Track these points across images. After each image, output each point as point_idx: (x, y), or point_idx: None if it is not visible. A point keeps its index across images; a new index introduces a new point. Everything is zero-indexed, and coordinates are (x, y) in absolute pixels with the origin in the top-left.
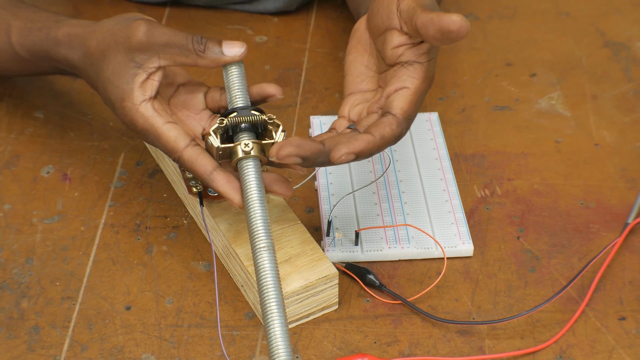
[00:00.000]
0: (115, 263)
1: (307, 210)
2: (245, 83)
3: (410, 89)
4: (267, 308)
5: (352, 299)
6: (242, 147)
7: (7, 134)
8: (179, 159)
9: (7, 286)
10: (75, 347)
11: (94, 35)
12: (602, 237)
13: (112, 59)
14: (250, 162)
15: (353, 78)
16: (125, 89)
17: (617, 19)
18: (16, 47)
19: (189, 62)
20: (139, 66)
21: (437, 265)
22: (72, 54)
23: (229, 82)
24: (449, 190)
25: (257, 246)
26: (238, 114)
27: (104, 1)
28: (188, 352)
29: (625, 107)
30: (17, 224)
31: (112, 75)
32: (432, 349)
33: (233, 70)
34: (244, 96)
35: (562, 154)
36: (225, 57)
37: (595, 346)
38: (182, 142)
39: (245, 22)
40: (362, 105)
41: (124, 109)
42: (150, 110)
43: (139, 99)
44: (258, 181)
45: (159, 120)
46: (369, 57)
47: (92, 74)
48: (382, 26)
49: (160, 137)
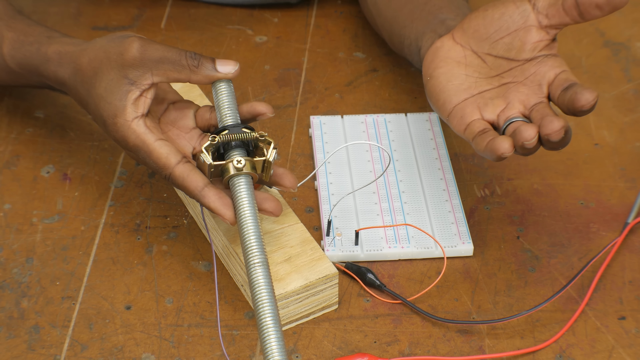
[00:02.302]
0: (115, 263)
1: (307, 210)
2: (234, 101)
3: (569, 71)
4: (263, 325)
5: (352, 299)
6: (235, 164)
7: (7, 134)
8: (170, 175)
9: (7, 286)
10: (76, 347)
11: (85, 53)
12: (602, 236)
13: (104, 76)
14: (242, 179)
15: (456, 87)
16: (118, 105)
17: (617, 19)
18: (7, 58)
19: (182, 78)
20: (132, 83)
21: (437, 265)
22: (61, 71)
23: (219, 100)
24: (449, 190)
25: (251, 262)
26: (229, 131)
27: (104, 1)
28: (188, 351)
29: (625, 107)
30: (17, 224)
31: (105, 92)
32: (432, 348)
33: (222, 88)
34: (234, 114)
35: (562, 154)
36: (218, 74)
37: (595, 346)
38: (173, 159)
39: (245, 22)
40: (494, 103)
41: (115, 125)
42: (142, 127)
43: (131, 116)
44: (250, 198)
45: (151, 137)
46: (466, 68)
47: (82, 92)
48: (512, 27)
49: (151, 153)
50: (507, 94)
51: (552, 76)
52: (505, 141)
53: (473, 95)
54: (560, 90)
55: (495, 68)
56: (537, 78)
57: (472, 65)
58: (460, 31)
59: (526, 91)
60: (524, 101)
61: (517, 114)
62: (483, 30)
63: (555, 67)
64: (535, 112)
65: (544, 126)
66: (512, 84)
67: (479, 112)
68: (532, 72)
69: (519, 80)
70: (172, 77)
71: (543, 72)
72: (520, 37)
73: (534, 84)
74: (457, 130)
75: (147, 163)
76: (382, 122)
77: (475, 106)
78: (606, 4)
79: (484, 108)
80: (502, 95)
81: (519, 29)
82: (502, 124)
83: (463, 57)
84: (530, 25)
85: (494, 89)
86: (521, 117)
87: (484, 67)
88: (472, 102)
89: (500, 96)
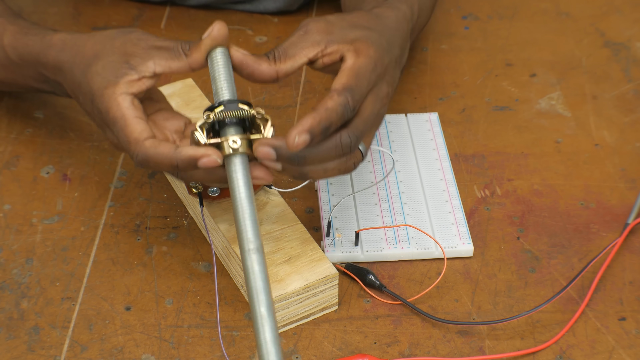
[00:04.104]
0: (115, 263)
1: (307, 211)
2: (231, 72)
3: (345, 68)
4: (257, 313)
5: (352, 300)
6: (230, 143)
7: (7, 134)
8: (139, 150)
9: (7, 286)
10: (75, 348)
11: (90, 39)
12: (602, 237)
13: (105, 57)
14: (238, 159)
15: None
16: (112, 79)
17: (617, 19)
18: (7, 49)
19: (182, 66)
20: (132, 67)
21: (437, 266)
22: (62, 56)
23: (214, 72)
24: (449, 191)
25: (246, 248)
26: (225, 107)
27: (104, 1)
28: (188, 352)
29: (625, 107)
30: (17, 224)
31: (102, 69)
32: (432, 349)
33: (218, 59)
34: (230, 87)
35: (562, 154)
36: (205, 40)
37: (595, 346)
38: (145, 134)
39: (245, 23)
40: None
41: (102, 96)
42: (127, 102)
43: (121, 90)
44: (246, 179)
45: (132, 112)
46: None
47: (77, 73)
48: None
49: (126, 127)
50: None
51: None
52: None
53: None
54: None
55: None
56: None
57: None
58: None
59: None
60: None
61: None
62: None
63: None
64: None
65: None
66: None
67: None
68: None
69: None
70: (172, 66)
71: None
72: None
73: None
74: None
75: (120, 137)
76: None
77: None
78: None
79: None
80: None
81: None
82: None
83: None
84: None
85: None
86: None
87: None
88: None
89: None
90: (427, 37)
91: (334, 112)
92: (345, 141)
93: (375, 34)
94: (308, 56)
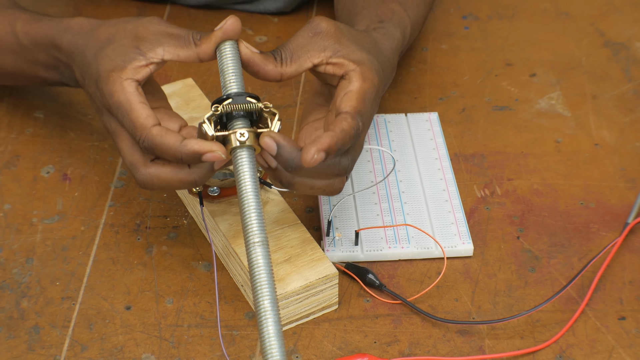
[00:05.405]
0: (115, 263)
1: (307, 210)
2: (239, 66)
3: (353, 90)
4: (260, 305)
5: (352, 299)
6: (237, 136)
7: (7, 134)
8: (146, 135)
9: (7, 286)
10: (75, 347)
11: (105, 22)
12: (602, 237)
13: (116, 41)
14: (245, 152)
15: (305, 114)
16: (119, 63)
17: (617, 19)
18: (20, 35)
19: (189, 54)
20: (141, 53)
21: (437, 265)
22: (78, 39)
23: (222, 64)
24: (449, 190)
25: (251, 241)
26: (233, 100)
27: (104, 1)
28: (188, 352)
29: (625, 107)
30: (17, 224)
31: (112, 52)
32: (432, 348)
33: (227, 52)
34: (239, 80)
35: (562, 154)
36: (216, 32)
37: (595, 346)
38: (152, 121)
39: (245, 23)
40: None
41: (108, 78)
42: (132, 88)
43: (127, 75)
44: (252, 172)
45: (137, 97)
46: (318, 95)
47: (89, 55)
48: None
49: (132, 112)
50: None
51: (339, 99)
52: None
53: (313, 120)
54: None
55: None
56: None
57: (323, 93)
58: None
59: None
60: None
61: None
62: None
63: (342, 91)
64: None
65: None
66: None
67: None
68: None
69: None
70: (181, 54)
71: (335, 99)
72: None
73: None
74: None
75: (124, 122)
76: (382, 122)
77: (308, 133)
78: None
79: (310, 137)
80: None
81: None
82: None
83: (317, 83)
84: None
85: (322, 117)
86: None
87: (329, 95)
88: (308, 128)
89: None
90: (427, 37)
91: (348, 135)
92: (344, 164)
93: (377, 62)
94: (313, 62)
